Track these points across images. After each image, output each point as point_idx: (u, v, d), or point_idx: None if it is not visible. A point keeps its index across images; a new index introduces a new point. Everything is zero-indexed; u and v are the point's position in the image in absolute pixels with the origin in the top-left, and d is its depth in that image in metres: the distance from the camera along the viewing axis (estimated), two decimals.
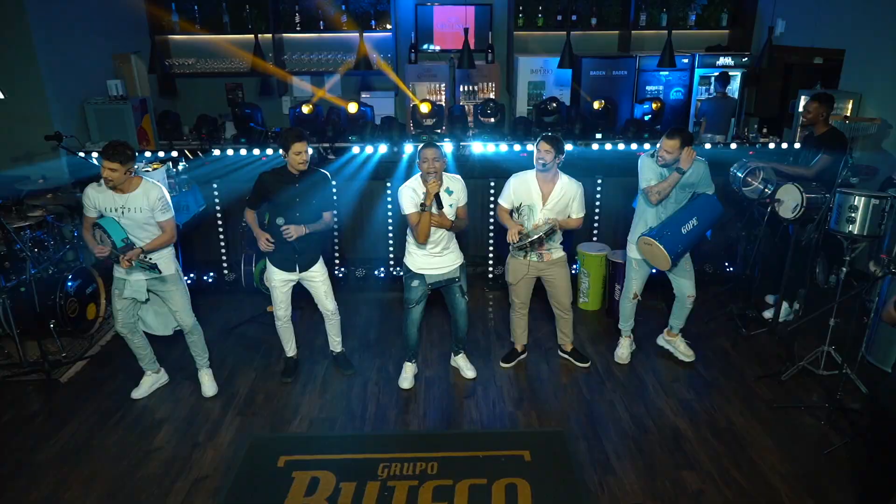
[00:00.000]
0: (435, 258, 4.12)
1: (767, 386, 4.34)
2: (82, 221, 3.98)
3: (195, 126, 6.62)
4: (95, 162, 5.45)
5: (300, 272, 4.25)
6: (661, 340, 4.78)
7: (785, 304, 5.07)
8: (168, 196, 3.98)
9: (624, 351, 4.67)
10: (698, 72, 7.84)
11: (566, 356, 4.69)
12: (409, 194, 3.96)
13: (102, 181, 3.82)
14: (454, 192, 4.05)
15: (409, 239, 4.15)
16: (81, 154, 5.69)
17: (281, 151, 4.01)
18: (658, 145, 4.14)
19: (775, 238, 5.22)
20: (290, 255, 4.16)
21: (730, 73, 7.44)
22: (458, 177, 4.14)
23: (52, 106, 5.84)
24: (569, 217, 4.22)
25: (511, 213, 4.24)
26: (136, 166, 3.92)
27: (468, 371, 4.54)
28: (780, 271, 5.02)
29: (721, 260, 5.90)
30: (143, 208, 3.86)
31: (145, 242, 3.92)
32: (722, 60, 7.80)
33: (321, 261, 4.35)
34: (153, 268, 3.91)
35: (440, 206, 3.92)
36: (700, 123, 7.30)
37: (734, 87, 7.70)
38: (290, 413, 4.13)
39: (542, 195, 4.13)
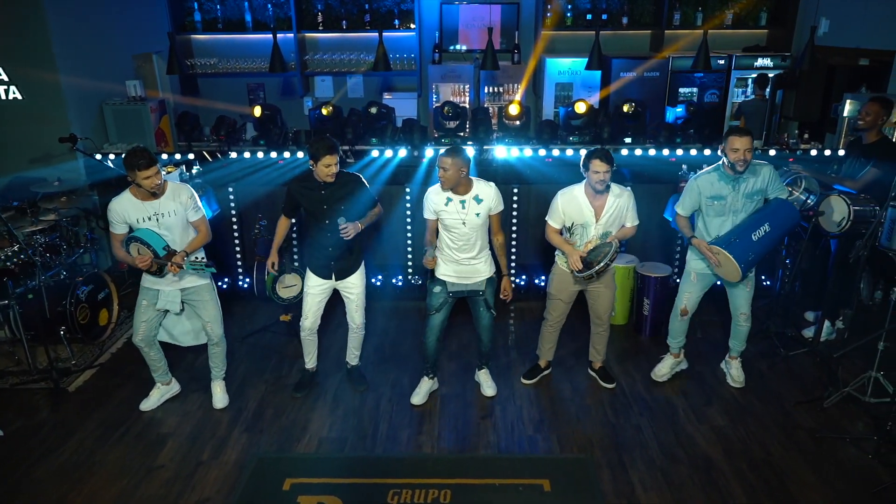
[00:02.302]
0: (461, 266, 3.91)
1: (808, 413, 4.03)
2: (110, 240, 3.85)
3: (214, 127, 6.51)
4: (111, 164, 5.36)
5: (336, 280, 4.08)
6: (723, 364, 4.51)
7: (827, 323, 4.74)
8: (196, 195, 3.86)
9: (665, 368, 4.41)
10: (735, 73, 7.48)
11: (593, 374, 4.45)
12: (429, 200, 3.86)
13: (126, 193, 3.70)
14: (484, 199, 3.83)
15: (438, 243, 3.97)
16: (98, 156, 5.61)
17: (311, 162, 3.81)
18: (723, 149, 3.86)
19: (816, 251, 4.89)
20: (326, 262, 4.00)
21: (769, 76, 7.08)
22: (491, 183, 3.92)
23: (70, 107, 5.77)
24: (623, 226, 3.99)
25: (560, 231, 4.02)
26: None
27: (488, 388, 4.34)
28: (821, 287, 4.69)
29: (757, 273, 5.55)
30: (177, 211, 3.75)
31: (184, 245, 3.80)
32: (760, 61, 7.44)
33: (361, 271, 4.16)
34: (209, 266, 3.79)
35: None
36: (740, 118, 6.95)
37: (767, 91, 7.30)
38: (298, 430, 3.96)
39: (595, 211, 3.89)
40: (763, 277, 5.52)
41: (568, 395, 4.30)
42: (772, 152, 5.61)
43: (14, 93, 5.66)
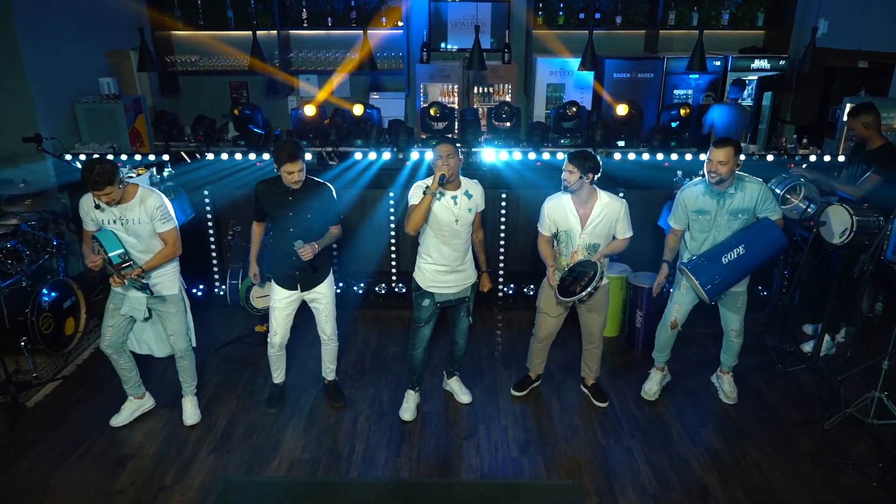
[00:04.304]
0: (449, 275, 3.70)
1: (808, 434, 3.82)
2: (81, 235, 3.62)
3: (192, 127, 6.26)
4: (80, 166, 5.10)
5: (302, 290, 3.84)
6: (713, 377, 4.32)
7: (827, 337, 4.53)
8: (168, 204, 3.59)
9: (653, 385, 4.19)
10: (731, 75, 7.28)
11: (585, 391, 4.23)
12: (419, 189, 3.56)
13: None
14: (473, 196, 3.66)
15: (420, 252, 3.74)
16: (68, 157, 5.36)
17: (275, 166, 3.59)
18: (707, 158, 3.65)
19: (816, 262, 4.69)
20: (291, 272, 3.75)
21: (746, 80, 6.88)
22: (478, 182, 3.77)
23: (38, 105, 5.51)
24: (614, 239, 3.77)
25: (551, 240, 3.82)
26: (123, 173, 3.52)
27: (463, 395, 4.17)
28: (821, 300, 4.49)
29: (753, 283, 5.34)
30: (142, 219, 3.49)
31: (149, 255, 3.55)
32: (757, 63, 7.25)
33: (329, 280, 3.93)
34: (144, 288, 3.53)
35: (443, 184, 3.50)
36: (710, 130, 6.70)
37: (745, 95, 7.08)
38: (269, 451, 3.72)
39: (580, 218, 3.68)
40: (760, 288, 5.32)
41: (556, 413, 4.08)
42: (770, 157, 5.41)
43: None
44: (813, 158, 5.38)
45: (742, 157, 3.80)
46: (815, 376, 4.36)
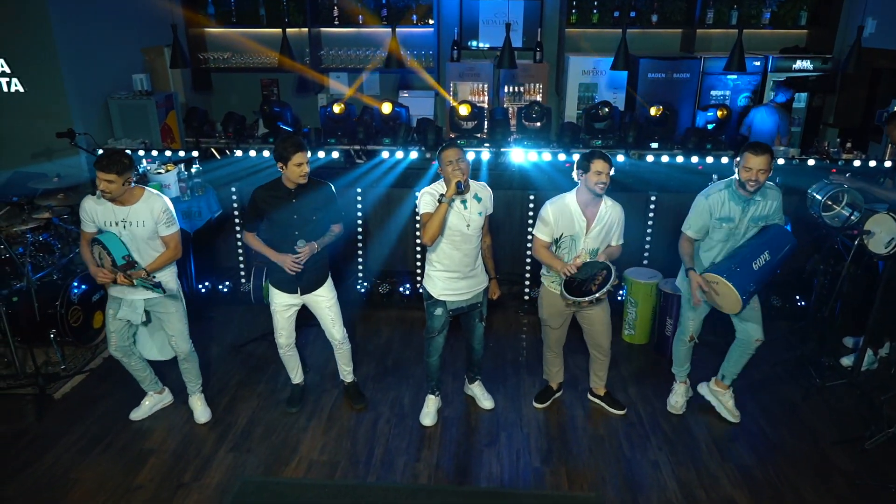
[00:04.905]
0: (461, 281, 3.62)
1: (847, 453, 3.64)
2: (80, 236, 3.65)
3: (223, 123, 6.31)
4: None
5: (302, 294, 3.80)
6: (703, 390, 4.10)
7: (869, 352, 4.33)
8: (172, 208, 3.61)
9: (679, 399, 4.04)
10: (771, 76, 7.04)
11: (597, 400, 4.11)
12: (431, 196, 3.45)
13: (100, 193, 3.48)
14: (483, 199, 3.57)
15: (430, 259, 3.66)
16: (101, 152, 5.42)
17: (278, 164, 3.52)
18: (738, 163, 3.48)
19: (859, 272, 4.48)
20: (290, 275, 3.69)
21: (788, 80, 6.63)
22: (486, 185, 3.68)
23: (72, 101, 5.59)
24: (609, 245, 3.65)
25: (549, 245, 3.68)
26: (135, 175, 3.54)
27: (485, 401, 4.09)
28: (863, 311, 4.28)
29: (791, 291, 5.15)
30: (146, 222, 3.50)
31: (150, 259, 3.56)
32: (799, 63, 6.99)
33: (329, 283, 3.88)
34: (157, 286, 3.53)
35: (460, 191, 3.39)
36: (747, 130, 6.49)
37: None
38: (288, 452, 3.70)
39: (587, 221, 3.56)
40: (797, 298, 5.11)
41: (580, 422, 3.97)
42: (811, 162, 5.20)
43: (16, 85, 5.51)
44: (857, 164, 5.15)
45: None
46: (856, 392, 4.16)
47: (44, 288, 4.52)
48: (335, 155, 5.43)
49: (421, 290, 3.79)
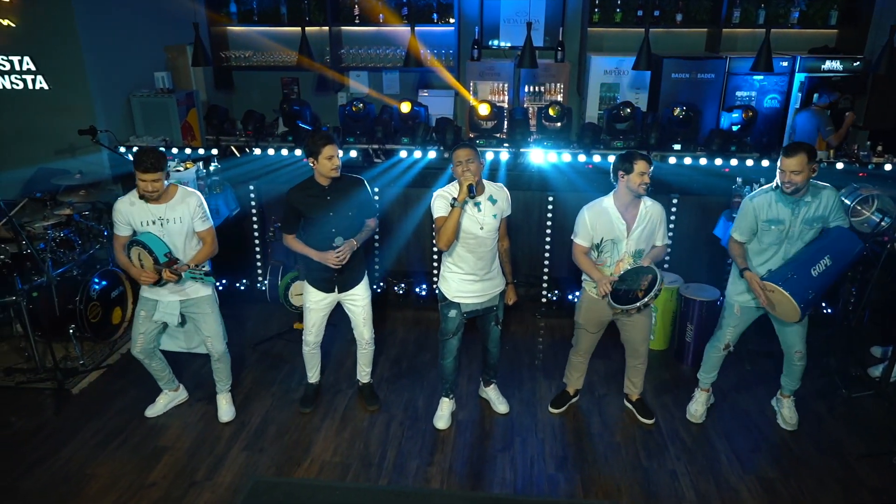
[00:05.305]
0: (476, 284, 3.57)
1: (874, 469, 3.52)
2: (112, 241, 3.68)
3: (243, 122, 6.33)
4: (131, 158, 5.20)
5: (339, 293, 3.79)
6: (773, 401, 4.04)
7: None
8: (206, 203, 3.63)
9: (699, 407, 3.95)
10: (798, 77, 6.87)
11: (630, 406, 4.04)
12: (444, 200, 3.42)
13: (133, 194, 3.51)
14: (498, 200, 3.51)
15: (445, 261, 3.62)
16: (122, 149, 5.47)
17: (309, 160, 3.53)
18: (778, 167, 3.38)
19: (889, 279, 4.34)
20: (329, 274, 3.69)
21: (829, 82, 6.45)
22: (503, 186, 3.62)
23: (95, 98, 5.64)
24: (654, 246, 3.57)
25: (588, 251, 3.61)
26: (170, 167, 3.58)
27: (500, 405, 4.04)
28: (893, 320, 4.15)
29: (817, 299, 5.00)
30: (183, 218, 3.53)
31: (187, 255, 3.58)
32: (828, 64, 6.80)
33: (365, 282, 3.86)
34: (208, 275, 3.55)
35: (472, 194, 3.34)
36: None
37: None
38: (300, 452, 3.68)
39: (627, 224, 3.49)
40: (823, 305, 4.97)
41: (597, 429, 3.89)
42: (839, 165, 5.05)
43: (41, 83, 5.58)
44: (888, 167, 4.99)
45: (818, 160, 3.50)
46: (884, 404, 4.03)
47: (64, 284, 4.57)
48: (353, 154, 5.41)
49: (436, 291, 3.75)
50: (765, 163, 4.98)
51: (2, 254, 4.61)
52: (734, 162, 5.08)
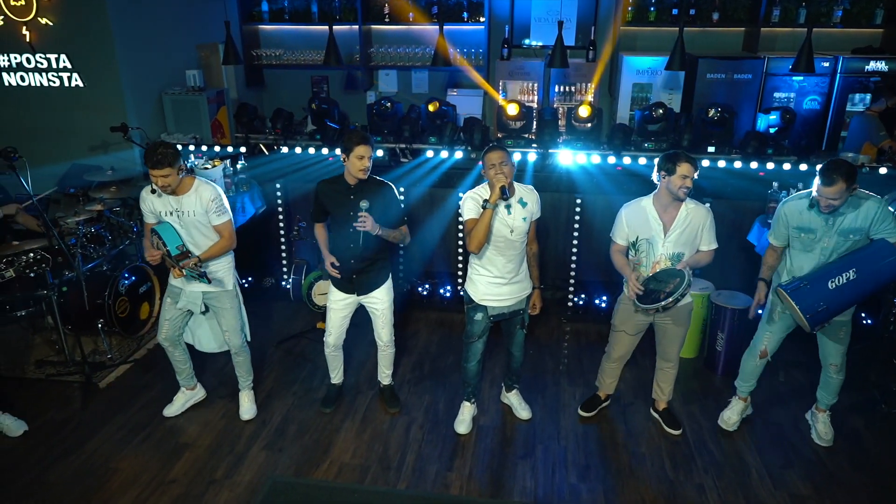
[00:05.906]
0: (504, 287, 3.51)
1: None
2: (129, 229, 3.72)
3: (272, 120, 6.37)
4: None
5: (359, 295, 3.77)
6: (808, 415, 3.91)
7: None
8: (224, 196, 3.64)
9: (733, 415, 3.83)
10: (840, 78, 6.62)
11: (656, 415, 3.93)
12: (474, 202, 3.37)
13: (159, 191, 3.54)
14: (528, 203, 3.45)
15: (473, 263, 3.57)
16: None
17: (341, 155, 3.54)
18: (814, 191, 3.25)
19: None
20: (348, 275, 3.69)
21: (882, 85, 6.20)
22: (533, 188, 3.55)
23: (128, 96, 5.73)
24: (698, 251, 3.47)
25: (627, 251, 3.55)
26: (187, 163, 3.59)
27: (522, 411, 3.97)
28: None
29: (856, 308, 4.79)
30: (197, 211, 3.54)
31: (204, 248, 3.60)
32: (872, 65, 6.55)
33: (388, 285, 3.84)
34: (202, 276, 3.56)
35: (505, 196, 3.30)
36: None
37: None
38: (320, 453, 3.67)
39: (664, 224, 3.40)
40: (863, 316, 4.77)
41: (622, 438, 3.80)
42: (882, 171, 4.85)
43: (76, 80, 5.69)
44: None
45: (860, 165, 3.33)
46: None
47: (93, 278, 4.64)
48: (380, 153, 5.39)
49: (462, 293, 3.70)
50: (803, 167, 4.81)
51: (36, 248, 4.69)
52: (770, 165, 4.92)
